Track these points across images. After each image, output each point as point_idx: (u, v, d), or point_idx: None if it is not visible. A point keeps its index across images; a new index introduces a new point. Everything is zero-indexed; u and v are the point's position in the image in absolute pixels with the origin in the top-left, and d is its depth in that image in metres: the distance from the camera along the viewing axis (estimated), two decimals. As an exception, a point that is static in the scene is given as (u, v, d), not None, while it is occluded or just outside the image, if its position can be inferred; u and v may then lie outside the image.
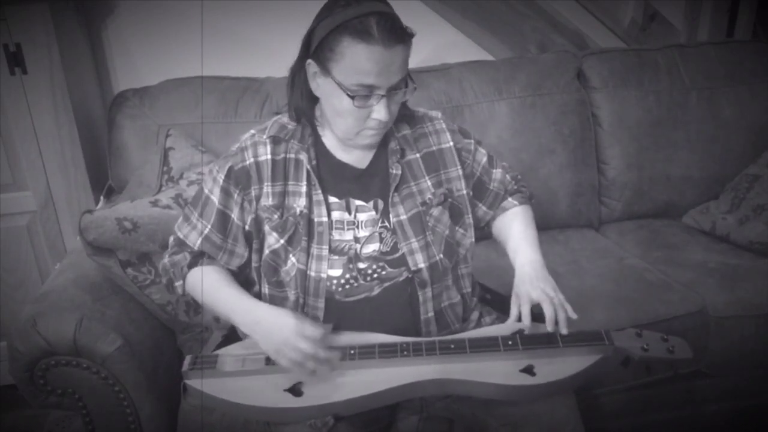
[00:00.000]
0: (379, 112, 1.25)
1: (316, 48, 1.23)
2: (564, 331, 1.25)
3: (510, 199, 1.52)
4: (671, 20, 2.63)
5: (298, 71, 1.31)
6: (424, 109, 1.48)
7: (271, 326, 1.24)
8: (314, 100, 1.33)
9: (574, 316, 1.27)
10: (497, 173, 1.51)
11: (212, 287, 1.35)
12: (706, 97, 2.27)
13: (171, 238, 1.43)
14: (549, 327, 1.25)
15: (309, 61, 1.26)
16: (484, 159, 1.49)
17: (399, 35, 1.20)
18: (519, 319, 1.28)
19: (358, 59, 1.19)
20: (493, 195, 1.50)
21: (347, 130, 1.30)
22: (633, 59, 2.28)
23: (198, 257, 1.38)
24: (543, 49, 2.50)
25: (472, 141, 1.48)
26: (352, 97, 1.23)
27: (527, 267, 1.35)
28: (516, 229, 1.46)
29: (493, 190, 1.50)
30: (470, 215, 1.45)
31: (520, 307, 1.29)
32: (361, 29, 1.18)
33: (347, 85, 1.22)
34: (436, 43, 2.45)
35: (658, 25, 2.62)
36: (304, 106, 1.33)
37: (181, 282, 1.38)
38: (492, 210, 1.51)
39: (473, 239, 1.46)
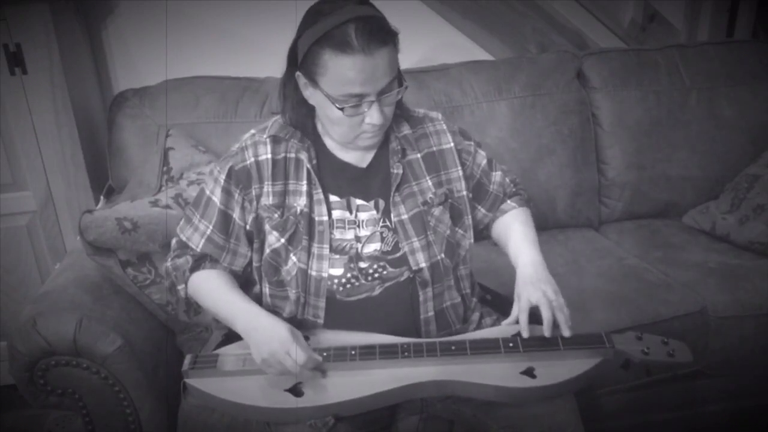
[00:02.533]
0: (372, 116, 1.25)
1: (302, 61, 1.23)
2: (566, 333, 1.25)
3: (509, 201, 1.51)
4: (671, 20, 2.63)
5: (287, 82, 1.31)
6: (424, 109, 1.48)
7: (263, 336, 1.24)
8: (310, 105, 1.33)
9: (568, 323, 1.27)
10: (497, 176, 1.51)
11: (213, 292, 1.34)
12: (706, 97, 2.27)
13: (173, 241, 1.42)
14: (546, 332, 1.25)
15: (298, 73, 1.26)
16: (484, 161, 1.49)
17: (380, 39, 1.19)
18: (518, 321, 1.28)
19: (341, 71, 1.19)
20: (492, 197, 1.50)
21: (344, 136, 1.30)
22: (633, 59, 2.28)
23: (200, 260, 1.37)
24: (543, 49, 2.50)
25: (472, 143, 1.48)
26: (341, 108, 1.22)
27: (529, 268, 1.34)
28: (516, 230, 1.45)
29: (492, 193, 1.50)
30: (470, 216, 1.45)
31: (519, 310, 1.29)
32: (340, 40, 1.17)
33: (335, 97, 1.22)
34: (436, 43, 2.45)
35: (658, 25, 2.62)
36: (299, 115, 1.33)
37: (183, 286, 1.38)
38: (491, 212, 1.51)
39: (472, 240, 1.46)
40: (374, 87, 1.22)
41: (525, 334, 1.26)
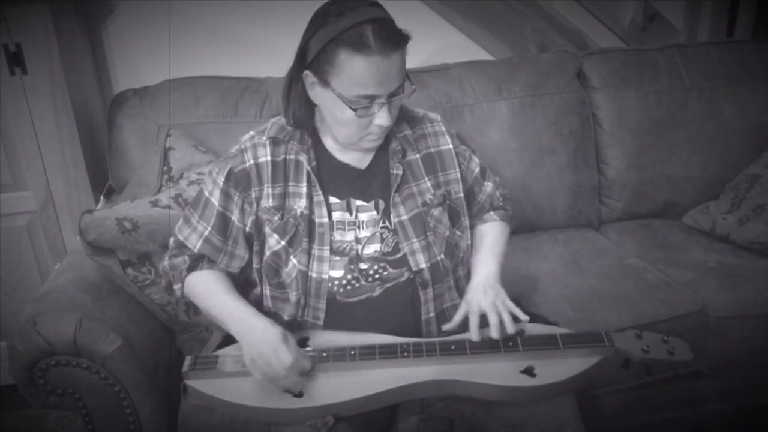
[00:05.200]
0: (381, 118, 1.25)
1: (313, 60, 1.23)
2: (510, 329, 1.27)
3: (492, 213, 1.54)
4: (671, 20, 2.63)
5: (294, 81, 1.30)
6: (424, 110, 1.48)
7: (254, 338, 1.23)
8: (313, 106, 1.33)
9: (524, 317, 1.30)
10: (488, 186, 1.52)
11: (209, 293, 1.34)
12: (706, 97, 2.27)
13: (171, 240, 1.43)
14: (494, 334, 1.27)
15: (306, 72, 1.26)
16: (477, 169, 1.50)
17: (395, 42, 1.20)
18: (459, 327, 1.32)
19: (356, 71, 1.19)
20: (479, 206, 1.52)
21: (350, 137, 1.30)
22: (633, 59, 2.28)
23: (197, 260, 1.37)
24: (543, 49, 2.50)
25: (468, 149, 1.49)
26: (354, 109, 1.22)
27: (480, 277, 1.38)
28: (486, 241, 1.49)
29: (480, 202, 1.52)
30: (467, 218, 1.45)
31: (462, 315, 1.32)
32: (358, 41, 1.17)
33: (348, 97, 1.22)
34: (436, 44, 2.45)
35: (658, 25, 2.63)
36: (303, 115, 1.33)
37: (179, 285, 1.37)
38: (473, 220, 1.52)
39: (470, 242, 1.46)
40: (386, 89, 1.23)
41: (475, 338, 1.28)
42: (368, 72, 1.19)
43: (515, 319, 1.30)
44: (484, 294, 1.32)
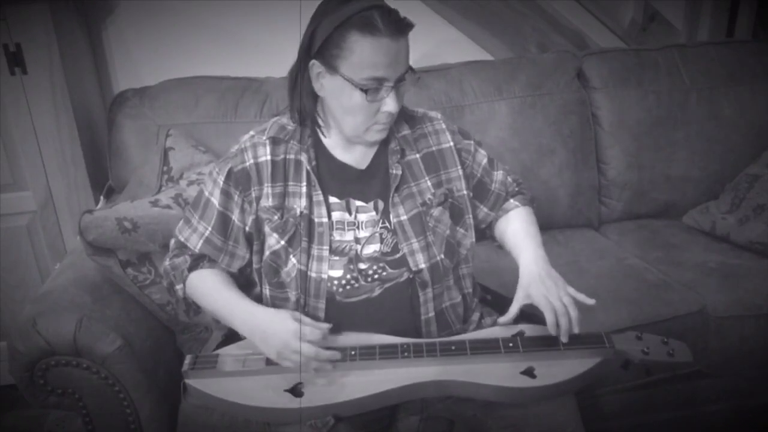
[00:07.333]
0: (389, 104, 1.26)
1: (320, 48, 1.23)
2: (563, 339, 1.26)
3: (512, 200, 1.52)
4: (671, 20, 2.63)
5: (300, 73, 1.30)
6: (424, 109, 1.49)
7: (270, 330, 1.24)
8: (316, 100, 1.33)
9: (590, 301, 1.29)
10: (498, 175, 1.51)
11: (212, 291, 1.34)
12: (706, 97, 2.27)
13: (172, 241, 1.43)
14: (552, 331, 1.25)
15: (313, 61, 1.26)
16: (485, 160, 1.49)
17: (402, 27, 1.22)
18: (514, 320, 1.29)
19: (367, 53, 1.20)
20: (494, 196, 1.50)
21: (357, 127, 1.30)
22: (633, 59, 2.28)
23: (199, 260, 1.38)
24: (543, 49, 2.50)
25: (472, 142, 1.48)
26: (365, 91, 1.23)
27: (533, 265, 1.35)
28: (518, 228, 1.46)
29: (494, 192, 1.50)
30: (471, 215, 1.45)
31: (518, 307, 1.30)
32: (367, 23, 1.19)
33: (358, 80, 1.22)
34: (436, 43, 2.45)
35: (658, 25, 2.63)
36: (309, 108, 1.33)
37: (181, 285, 1.38)
38: (494, 211, 1.51)
39: (474, 239, 1.46)
40: (395, 72, 1.24)
41: (554, 333, 1.26)
42: (379, 53, 1.20)
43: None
44: (543, 284, 1.30)
